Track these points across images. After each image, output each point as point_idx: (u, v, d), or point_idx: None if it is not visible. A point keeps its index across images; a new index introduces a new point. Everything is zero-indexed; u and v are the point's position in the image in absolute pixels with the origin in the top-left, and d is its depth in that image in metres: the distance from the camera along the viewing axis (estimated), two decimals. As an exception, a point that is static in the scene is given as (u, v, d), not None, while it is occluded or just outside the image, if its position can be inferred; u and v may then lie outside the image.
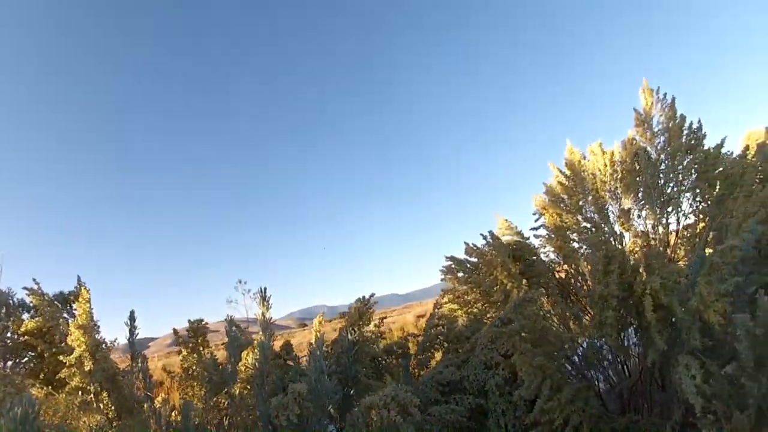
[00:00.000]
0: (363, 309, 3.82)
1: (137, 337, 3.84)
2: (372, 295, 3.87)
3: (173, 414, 3.67)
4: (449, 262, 4.11)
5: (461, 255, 4.12)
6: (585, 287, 3.88)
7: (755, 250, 2.99)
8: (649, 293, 2.85)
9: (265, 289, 3.61)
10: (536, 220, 4.31)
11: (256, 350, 3.70)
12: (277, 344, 4.17)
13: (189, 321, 4.02)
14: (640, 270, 3.18)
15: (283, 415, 2.94)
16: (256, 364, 3.69)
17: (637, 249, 3.83)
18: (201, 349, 4.00)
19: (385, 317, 4.02)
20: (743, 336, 2.37)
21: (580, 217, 4.03)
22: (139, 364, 3.87)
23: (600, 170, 4.03)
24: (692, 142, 3.91)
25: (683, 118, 3.88)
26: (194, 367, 3.95)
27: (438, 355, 4.11)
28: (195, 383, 3.88)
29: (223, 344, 4.04)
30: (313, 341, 3.72)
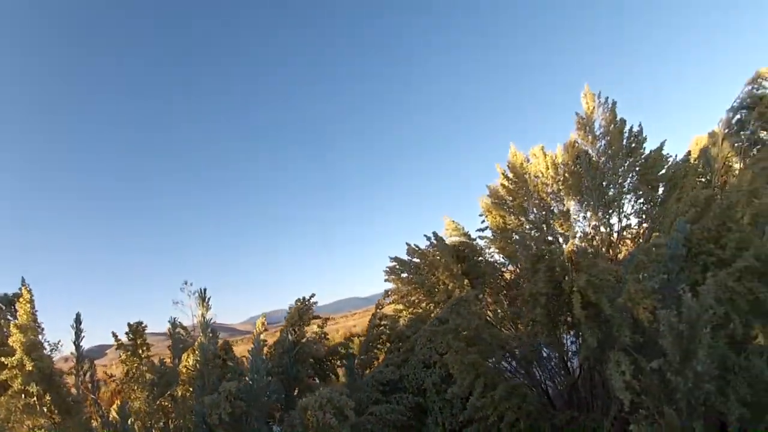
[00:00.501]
0: (303, 310, 3.83)
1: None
2: (312, 296, 3.86)
3: (113, 416, 3.71)
4: (394, 263, 4.16)
5: (406, 256, 4.17)
6: (522, 283, 4.01)
7: (685, 248, 3.11)
8: (577, 290, 2.91)
9: (205, 290, 3.65)
10: (482, 222, 4.40)
11: (196, 352, 3.75)
12: (239, 349, 4.26)
13: (128, 324, 4.04)
14: (569, 268, 3.30)
15: (216, 414, 2.97)
16: (197, 365, 3.75)
17: (576, 249, 3.96)
18: (140, 351, 4.03)
19: (329, 318, 4.08)
20: (668, 332, 2.44)
21: (523, 219, 4.11)
22: (85, 367, 3.91)
23: (542, 173, 4.10)
24: (633, 145, 4.01)
25: (623, 121, 3.96)
26: (134, 370, 3.98)
27: (382, 356, 4.20)
28: (136, 386, 3.92)
29: (168, 346, 4.09)
30: (255, 333, 3.80)
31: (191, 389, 3.74)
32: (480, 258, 4.17)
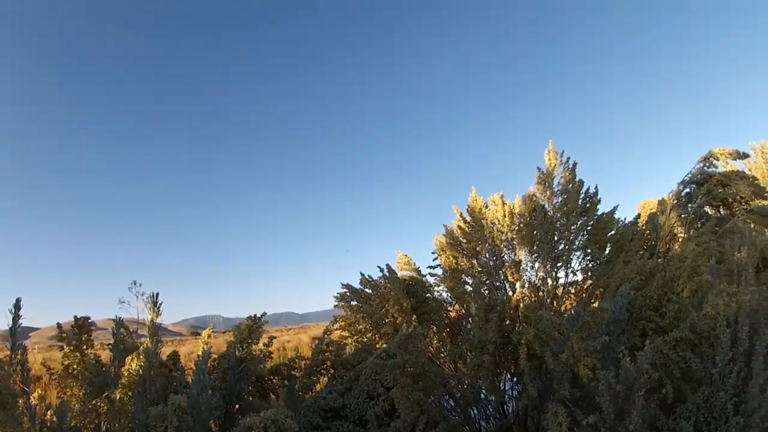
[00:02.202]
0: (253, 327, 3.90)
1: (18, 326, 3.81)
2: (263, 314, 3.99)
3: (48, 413, 3.75)
4: (345, 290, 4.34)
5: (358, 284, 4.37)
6: (471, 329, 4.31)
7: (627, 313, 3.49)
8: (524, 343, 3.10)
9: (157, 294, 3.75)
10: (434, 260, 4.67)
11: (141, 356, 3.86)
12: (166, 351, 4.32)
13: (75, 317, 4.09)
14: (518, 320, 3.64)
15: (161, 427, 2.96)
16: (140, 371, 3.85)
17: (523, 299, 4.30)
18: (84, 348, 4.08)
19: (275, 337, 4.29)
20: (605, 391, 2.65)
21: (475, 262, 4.36)
22: (18, 357, 3.89)
23: (499, 220, 4.34)
24: (587, 205, 4.29)
25: (581, 182, 4.22)
26: (75, 366, 4.04)
27: (324, 380, 4.39)
28: (74, 383, 3.98)
29: (109, 345, 4.16)
30: (200, 343, 3.94)
31: (130, 394, 3.84)
32: (429, 295, 4.35)
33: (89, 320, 4.23)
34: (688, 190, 4.90)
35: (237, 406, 4.03)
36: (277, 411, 3.01)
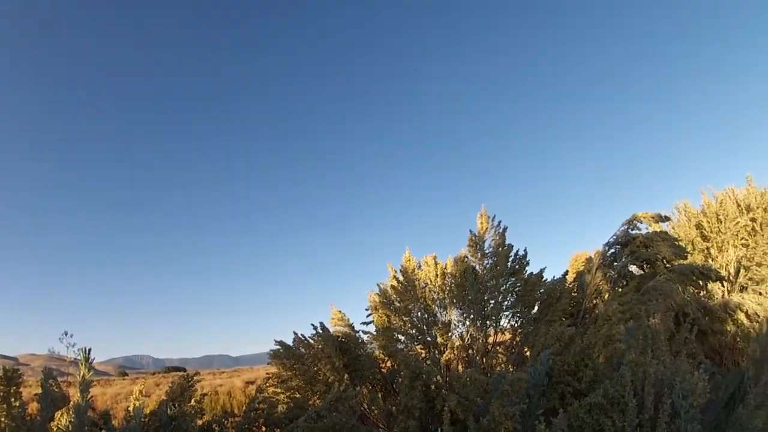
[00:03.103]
0: (186, 385, 4.05)
1: None
2: (196, 374, 4.11)
3: None
4: (278, 347, 4.42)
5: (290, 341, 4.45)
6: (399, 392, 4.50)
7: (547, 377, 3.75)
8: (447, 408, 3.23)
9: (89, 350, 3.79)
10: (368, 316, 4.85)
11: (71, 412, 3.88)
12: (93, 392, 4.30)
13: (4, 368, 4.07)
14: (447, 381, 3.86)
15: None
16: (69, 427, 3.88)
17: (452, 359, 4.53)
18: (12, 400, 4.06)
19: (206, 394, 4.38)
20: None
21: (407, 320, 4.62)
22: None
23: (431, 280, 4.53)
24: (516, 266, 4.57)
25: (511, 246, 4.45)
26: (2, 419, 4.03)
27: None
28: None
29: (36, 395, 4.15)
30: (132, 400, 3.97)
31: (59, 452, 3.86)
32: (361, 352, 4.46)
33: (18, 372, 4.24)
34: (613, 250, 5.24)
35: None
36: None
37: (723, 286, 5.82)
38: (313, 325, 4.39)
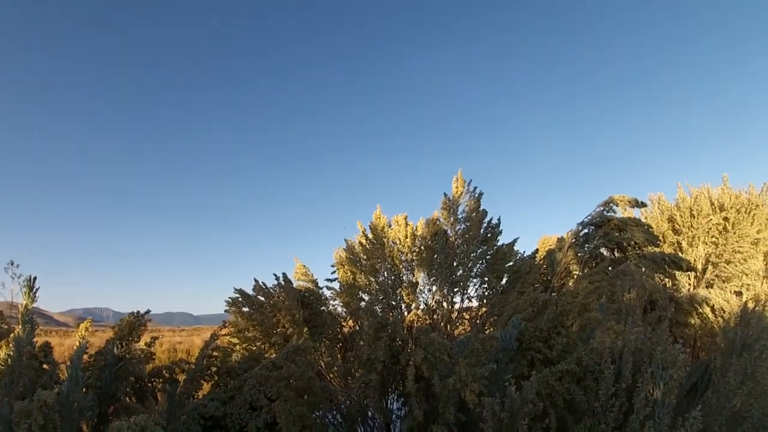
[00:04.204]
0: (135, 324, 3.72)
1: None
2: (147, 312, 3.80)
3: None
4: (237, 295, 4.27)
5: (251, 290, 4.30)
6: (362, 346, 4.40)
7: (517, 342, 3.66)
8: (412, 364, 3.12)
9: (35, 278, 3.54)
10: (333, 272, 4.70)
11: (11, 345, 3.68)
12: (54, 342, 4.12)
13: None
14: (410, 341, 3.75)
15: (25, 424, 2.76)
16: (9, 360, 3.68)
17: (416, 320, 4.44)
18: None
19: (157, 337, 4.19)
20: (490, 417, 2.69)
21: (373, 279, 4.44)
22: None
23: (400, 240, 4.40)
24: (488, 235, 4.46)
25: (485, 212, 4.32)
26: None
27: (208, 387, 4.33)
28: None
29: None
30: (77, 337, 3.77)
31: (-4, 385, 3.64)
32: (323, 308, 4.36)
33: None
34: (586, 231, 5.20)
35: (112, 407, 3.88)
36: (147, 417, 2.86)
37: (690, 279, 5.84)
38: (275, 275, 4.23)
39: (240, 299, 4.26)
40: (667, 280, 5.54)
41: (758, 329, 4.50)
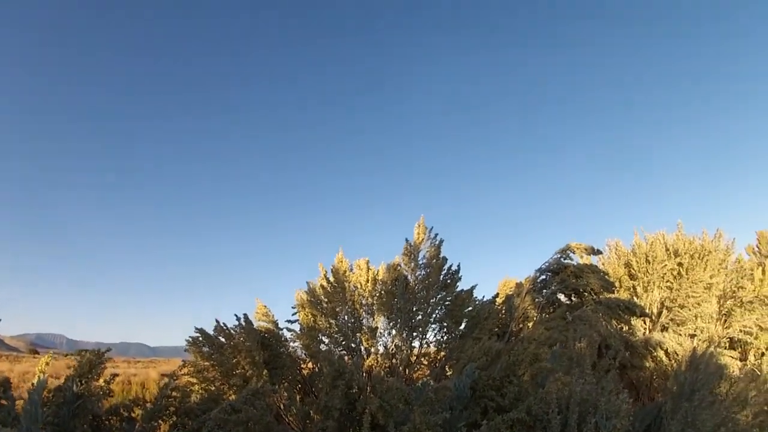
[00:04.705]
0: (96, 362, 3.78)
1: None
2: (108, 350, 3.89)
3: None
4: (197, 334, 4.31)
5: (212, 330, 4.34)
6: (319, 391, 4.46)
7: (471, 390, 3.77)
8: (368, 412, 3.18)
9: None
10: (293, 314, 4.76)
11: None
12: (2, 367, 4.13)
13: None
14: (365, 387, 3.83)
15: None
16: None
17: (375, 365, 4.53)
18: None
19: (118, 374, 4.23)
20: None
21: (333, 322, 4.52)
22: None
23: (362, 284, 4.49)
24: (448, 281, 4.57)
25: (445, 259, 4.44)
26: None
27: (165, 427, 4.35)
28: None
29: None
30: (36, 372, 3.78)
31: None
32: (283, 349, 4.42)
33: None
34: (544, 277, 5.35)
35: (68, 445, 3.88)
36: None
37: (645, 323, 6.02)
38: (236, 315, 4.29)
39: (201, 338, 4.30)
40: (623, 324, 5.70)
41: (706, 374, 4.68)
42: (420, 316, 4.50)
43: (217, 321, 4.31)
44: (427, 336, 4.60)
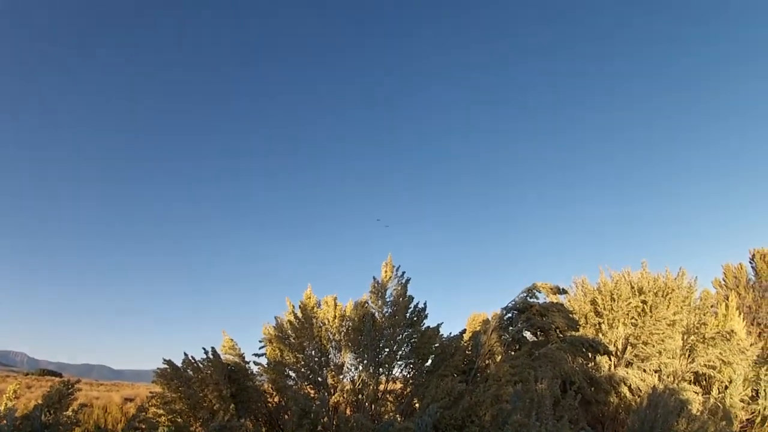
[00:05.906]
0: (64, 392, 3.72)
1: None
2: (78, 381, 4.02)
3: None
4: (165, 366, 4.29)
5: (180, 361, 4.34)
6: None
7: (434, 430, 3.88)
8: None
9: None
10: (260, 348, 4.78)
11: None
12: None
13: None
14: (334, 424, 3.92)
15: None
16: None
17: (341, 402, 4.62)
18: None
19: (85, 405, 4.27)
20: None
21: (301, 357, 4.66)
22: None
23: (329, 321, 4.58)
24: (415, 319, 4.71)
25: (411, 297, 4.51)
26: None
27: None
28: None
29: None
30: (5, 400, 3.82)
31: None
32: (250, 383, 4.43)
33: None
34: (510, 315, 5.50)
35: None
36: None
37: (610, 359, 6.15)
38: (204, 349, 4.35)
39: (169, 370, 4.35)
40: (587, 361, 5.84)
41: (665, 412, 4.81)
42: (386, 353, 4.57)
43: (185, 354, 4.35)
44: (394, 372, 4.67)
